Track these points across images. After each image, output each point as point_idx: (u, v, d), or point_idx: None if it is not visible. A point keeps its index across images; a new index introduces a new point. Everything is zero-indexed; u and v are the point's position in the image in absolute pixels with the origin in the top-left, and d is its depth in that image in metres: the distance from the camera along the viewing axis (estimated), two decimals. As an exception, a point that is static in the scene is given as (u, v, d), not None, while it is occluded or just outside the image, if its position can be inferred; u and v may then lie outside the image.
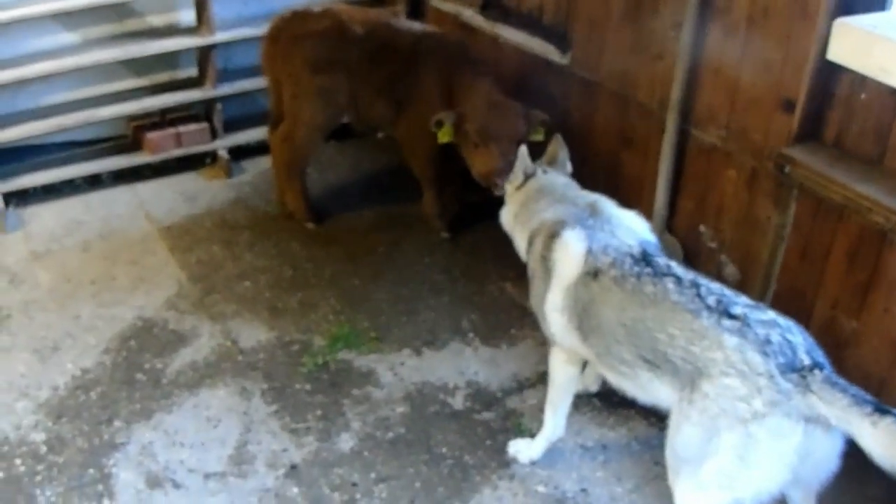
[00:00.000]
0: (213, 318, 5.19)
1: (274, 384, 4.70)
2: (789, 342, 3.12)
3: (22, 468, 4.26)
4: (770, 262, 4.53)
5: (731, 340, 3.13)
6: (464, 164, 5.34)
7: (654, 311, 3.38)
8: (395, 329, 5.16)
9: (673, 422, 3.33)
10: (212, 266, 5.71)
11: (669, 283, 3.40)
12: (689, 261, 4.92)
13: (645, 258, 3.58)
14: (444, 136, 5.24)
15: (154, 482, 4.18)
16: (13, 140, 6.14)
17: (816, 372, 3.03)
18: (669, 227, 5.08)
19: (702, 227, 4.94)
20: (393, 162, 6.79)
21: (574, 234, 3.79)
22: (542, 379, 4.65)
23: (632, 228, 3.87)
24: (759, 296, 4.47)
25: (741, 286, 4.43)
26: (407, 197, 6.32)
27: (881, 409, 2.86)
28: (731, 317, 3.20)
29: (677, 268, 3.52)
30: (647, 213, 4.92)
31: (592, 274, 3.63)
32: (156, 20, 6.54)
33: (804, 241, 4.36)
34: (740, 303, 3.28)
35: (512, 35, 6.02)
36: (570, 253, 3.74)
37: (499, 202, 4.53)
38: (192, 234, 6.00)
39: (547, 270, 3.84)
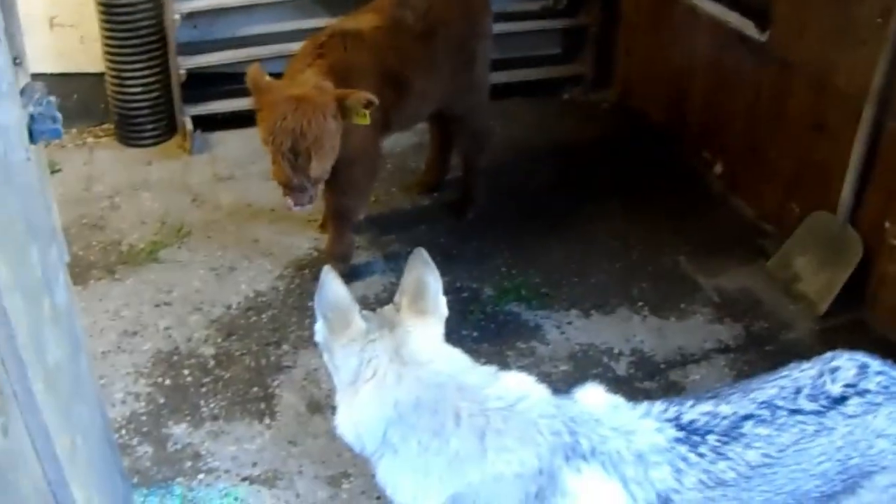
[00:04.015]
0: (386, 257, 5.18)
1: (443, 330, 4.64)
2: None
3: (189, 378, 4.34)
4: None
5: (880, 418, 2.52)
6: None
7: (783, 471, 2.48)
8: (566, 288, 5.05)
9: None
10: (390, 207, 5.70)
11: (758, 429, 2.48)
12: (868, 258, 4.71)
13: (687, 430, 2.50)
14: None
15: (315, 407, 4.18)
16: (207, 66, 6.23)
17: None
18: (853, 219, 4.82)
19: (887, 224, 4.66)
20: (576, 124, 6.67)
21: (587, 476, 2.41)
22: (707, 356, 4.54)
23: (616, 407, 2.59)
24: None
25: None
26: (588, 159, 6.21)
27: None
28: (843, 399, 2.52)
29: (724, 401, 2.56)
30: (833, 204, 4.76)
31: None
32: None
33: None
34: (838, 380, 2.56)
35: (710, 6, 5.80)
36: (603, 502, 2.43)
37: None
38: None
39: None
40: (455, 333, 4.48)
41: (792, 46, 5.14)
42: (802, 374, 2.58)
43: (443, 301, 2.66)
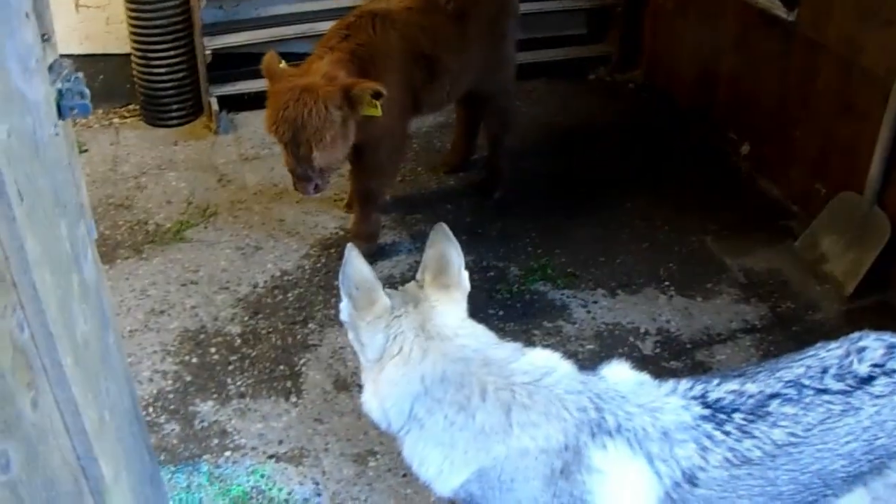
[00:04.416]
0: (413, 237, 5.18)
1: (467, 306, 4.64)
2: None
3: (216, 356, 4.37)
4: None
5: None
6: None
7: (809, 450, 2.46)
8: (592, 268, 5.04)
9: None
10: (416, 186, 5.71)
11: (784, 408, 2.47)
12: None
13: (713, 408, 2.50)
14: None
15: (342, 385, 4.20)
16: (233, 46, 6.23)
17: None
18: (880, 200, 4.78)
19: (915, 205, 4.65)
20: (601, 104, 6.66)
21: (613, 453, 2.43)
22: (733, 336, 4.52)
23: (642, 384, 2.61)
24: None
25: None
26: (614, 140, 6.20)
27: None
28: (870, 378, 2.50)
29: (751, 380, 2.56)
30: (860, 185, 4.72)
31: (688, 481, 2.43)
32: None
33: None
34: (865, 359, 2.54)
35: (738, -15, 5.78)
36: (627, 479, 2.44)
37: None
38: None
39: None
40: (481, 312, 4.52)
41: (820, 26, 5.10)
42: (829, 353, 2.57)
43: (465, 275, 2.68)
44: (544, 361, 2.54)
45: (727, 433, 2.45)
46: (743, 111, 5.82)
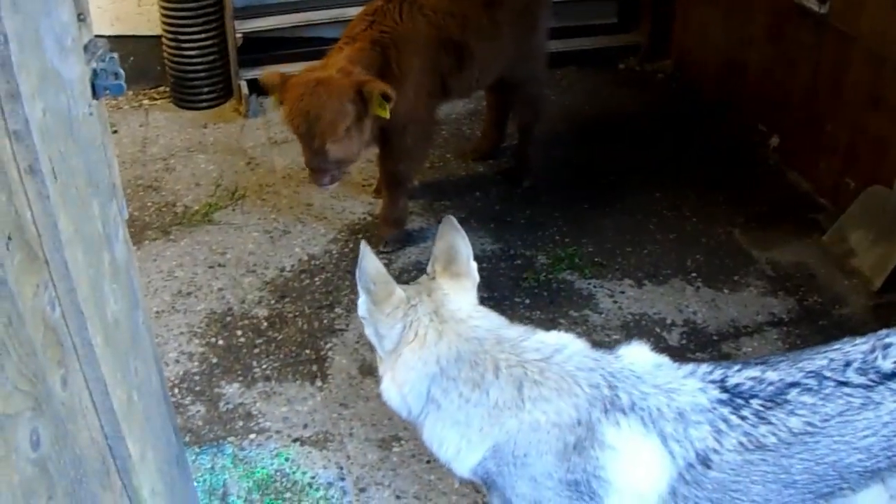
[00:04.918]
0: (441, 223, 5.15)
1: (493, 294, 4.65)
2: None
3: (242, 339, 4.38)
4: None
5: None
6: None
7: (825, 441, 2.44)
8: (620, 258, 5.03)
9: None
10: (444, 173, 5.70)
11: (803, 397, 2.45)
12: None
13: (731, 393, 2.49)
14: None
15: (367, 370, 4.20)
16: (263, 30, 6.25)
17: None
18: (910, 196, 4.77)
19: (943, 200, 4.62)
20: (631, 94, 6.65)
21: (626, 430, 2.44)
22: (760, 329, 4.50)
23: (660, 366, 2.60)
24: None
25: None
26: (643, 130, 6.19)
27: None
28: (893, 375, 2.45)
29: (772, 368, 2.53)
30: (889, 179, 4.69)
31: (701, 463, 2.44)
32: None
33: None
34: (890, 356, 2.49)
35: (770, -22, 5.75)
36: (640, 458, 2.45)
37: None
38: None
39: (592, 495, 2.47)
40: (508, 300, 4.53)
41: (852, 19, 5.07)
42: (854, 348, 2.54)
43: (474, 266, 2.73)
44: (555, 339, 2.57)
45: (743, 418, 2.44)
46: (772, 103, 5.79)
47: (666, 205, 5.46)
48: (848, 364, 2.48)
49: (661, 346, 4.27)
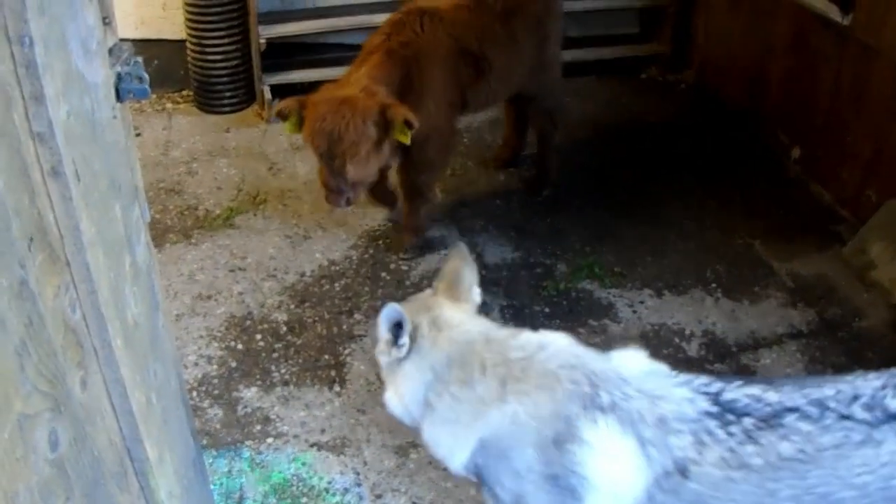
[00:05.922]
0: (461, 231, 5.19)
1: (513, 302, 4.66)
2: None
3: (261, 343, 4.40)
4: None
5: None
6: None
7: (816, 472, 2.38)
8: (640, 267, 5.02)
9: None
10: (466, 181, 5.71)
11: (800, 423, 2.40)
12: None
13: (723, 407, 2.46)
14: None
15: (386, 377, 4.20)
16: (287, 35, 6.27)
17: None
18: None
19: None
20: (652, 104, 6.64)
21: (603, 428, 2.46)
22: (779, 341, 4.48)
23: (652, 373, 2.61)
24: None
25: None
26: (664, 140, 6.18)
27: None
28: None
29: (775, 390, 2.49)
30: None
31: (678, 472, 2.42)
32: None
33: None
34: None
35: (792, -12, 5.74)
36: (616, 457, 2.46)
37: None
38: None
39: (571, 491, 2.50)
40: (527, 308, 4.54)
41: (875, 30, 5.05)
42: (866, 382, 2.48)
43: (477, 291, 2.90)
44: (541, 338, 2.66)
45: (730, 434, 2.41)
46: (794, 114, 5.78)
47: (686, 215, 5.45)
48: (856, 398, 2.43)
49: (679, 357, 4.29)
